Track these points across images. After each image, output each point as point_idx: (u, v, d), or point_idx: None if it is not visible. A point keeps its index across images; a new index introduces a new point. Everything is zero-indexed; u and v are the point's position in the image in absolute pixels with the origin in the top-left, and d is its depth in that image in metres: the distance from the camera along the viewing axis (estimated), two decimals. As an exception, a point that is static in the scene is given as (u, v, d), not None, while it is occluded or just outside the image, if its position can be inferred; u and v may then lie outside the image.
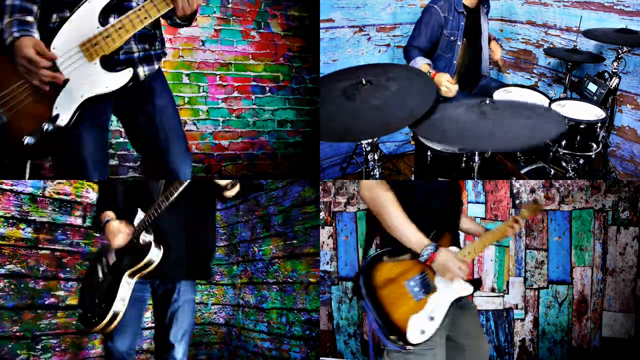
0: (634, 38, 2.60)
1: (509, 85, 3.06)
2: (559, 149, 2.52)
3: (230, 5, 3.59)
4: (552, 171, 2.62)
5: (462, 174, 2.32)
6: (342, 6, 3.37)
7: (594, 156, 2.55)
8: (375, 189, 1.54)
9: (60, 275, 2.45)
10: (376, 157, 2.30)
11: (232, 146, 3.67)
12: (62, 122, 1.64)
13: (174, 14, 1.69)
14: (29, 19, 1.61)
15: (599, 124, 2.47)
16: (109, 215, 1.81)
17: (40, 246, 2.39)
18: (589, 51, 3.04)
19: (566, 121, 2.35)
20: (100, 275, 1.82)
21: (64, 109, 1.64)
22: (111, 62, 1.70)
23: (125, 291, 1.71)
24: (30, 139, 1.58)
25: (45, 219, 2.43)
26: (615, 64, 2.72)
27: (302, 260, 2.62)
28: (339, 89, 1.95)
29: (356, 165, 3.39)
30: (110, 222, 1.78)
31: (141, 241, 1.72)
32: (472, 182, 2.72)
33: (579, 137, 2.47)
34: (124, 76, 1.69)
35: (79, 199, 2.59)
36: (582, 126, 2.45)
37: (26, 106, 1.61)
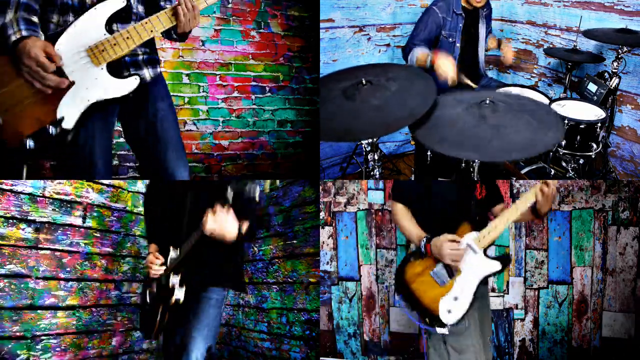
0: (634, 38, 2.60)
1: (509, 85, 3.06)
2: (559, 149, 2.52)
3: (230, 5, 3.59)
4: (552, 171, 2.63)
5: (462, 174, 2.32)
6: (342, 6, 3.37)
7: (594, 156, 2.55)
8: (393, 206, 1.93)
9: (60, 275, 2.45)
10: (376, 157, 2.31)
11: (232, 146, 3.67)
12: (68, 125, 1.64)
13: (173, 29, 1.80)
14: (34, 19, 1.60)
15: (599, 124, 2.47)
16: (152, 247, 1.94)
17: (40, 246, 2.39)
18: (589, 51, 3.04)
19: (564, 127, 2.36)
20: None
21: (69, 112, 1.64)
22: (118, 68, 1.74)
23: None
24: (31, 142, 1.57)
25: (45, 219, 2.42)
26: (615, 64, 2.72)
27: (302, 260, 2.62)
28: (339, 89, 1.95)
29: (356, 165, 3.39)
30: (151, 254, 1.90)
31: (170, 284, 1.82)
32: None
33: (579, 137, 2.47)
34: (130, 84, 1.73)
35: (79, 199, 2.59)
36: (582, 126, 2.45)
37: (24, 108, 1.59)
